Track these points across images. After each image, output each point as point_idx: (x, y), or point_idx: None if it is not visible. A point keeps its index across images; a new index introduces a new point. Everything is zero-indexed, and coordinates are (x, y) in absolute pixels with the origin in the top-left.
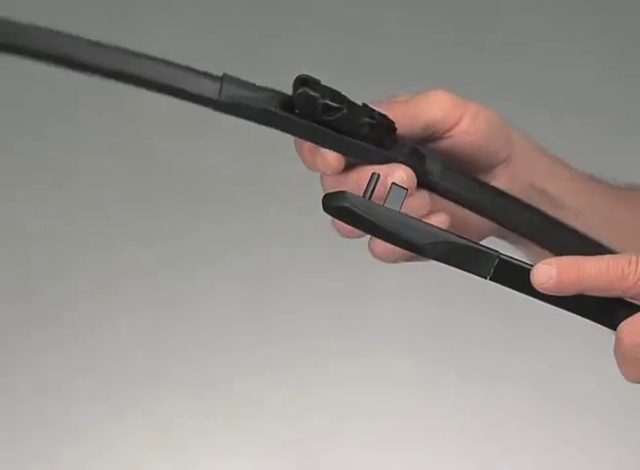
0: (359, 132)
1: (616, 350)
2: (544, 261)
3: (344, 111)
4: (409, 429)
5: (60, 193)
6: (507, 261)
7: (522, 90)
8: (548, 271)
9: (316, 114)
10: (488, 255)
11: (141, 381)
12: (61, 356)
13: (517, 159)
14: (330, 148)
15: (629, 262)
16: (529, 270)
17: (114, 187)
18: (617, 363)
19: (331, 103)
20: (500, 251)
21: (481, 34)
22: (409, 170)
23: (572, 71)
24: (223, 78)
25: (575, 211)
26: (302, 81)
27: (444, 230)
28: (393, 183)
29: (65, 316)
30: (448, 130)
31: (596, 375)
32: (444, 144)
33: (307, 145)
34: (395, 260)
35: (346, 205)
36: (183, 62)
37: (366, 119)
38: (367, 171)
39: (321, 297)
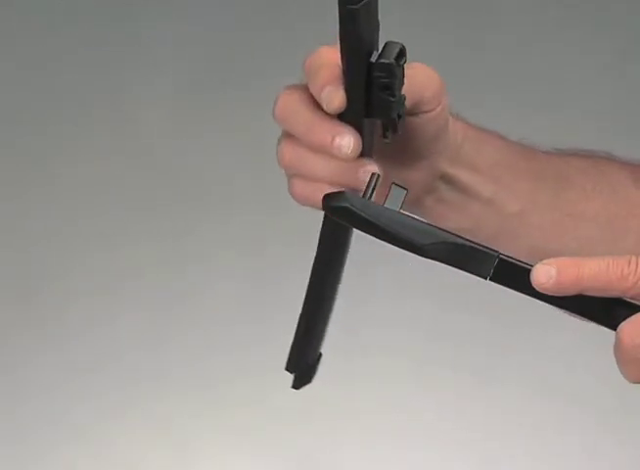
0: (380, 117)
1: (615, 349)
2: (544, 262)
3: (392, 99)
4: (409, 429)
5: (60, 193)
6: (507, 262)
7: (521, 90)
8: (548, 271)
9: (377, 81)
10: (488, 255)
11: (141, 381)
12: (61, 356)
13: (443, 150)
14: (348, 96)
15: (629, 263)
16: (529, 270)
17: (114, 187)
18: (617, 363)
19: (393, 89)
20: (500, 251)
21: (482, 34)
22: (357, 139)
23: (573, 71)
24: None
25: (486, 199)
26: (400, 53)
27: (444, 230)
28: (393, 183)
29: (65, 316)
30: (423, 112)
31: (596, 375)
32: (410, 121)
33: (333, 71)
34: (313, 205)
35: (346, 205)
36: (183, 61)
37: (395, 115)
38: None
39: None
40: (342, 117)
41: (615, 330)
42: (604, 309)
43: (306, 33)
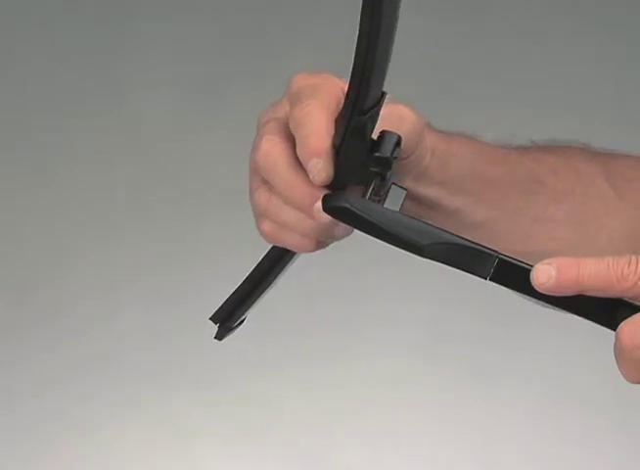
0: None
1: (615, 350)
2: (544, 261)
3: (383, 182)
4: (409, 429)
5: (60, 193)
6: (507, 262)
7: (522, 88)
8: (548, 271)
9: (372, 170)
10: (488, 255)
11: (141, 381)
12: (60, 356)
13: (410, 172)
14: (337, 164)
15: (629, 263)
16: (529, 270)
17: (114, 187)
18: (617, 363)
19: (386, 176)
20: (499, 251)
21: (482, 32)
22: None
23: (574, 70)
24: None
25: (452, 211)
26: (397, 145)
27: (444, 230)
28: (393, 183)
29: (64, 316)
30: (402, 159)
31: (597, 374)
32: None
33: (323, 141)
34: (280, 245)
35: (346, 205)
36: (184, 62)
37: (385, 191)
38: (296, 237)
39: (321, 297)
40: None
41: (614, 330)
42: (604, 310)
43: (308, 34)
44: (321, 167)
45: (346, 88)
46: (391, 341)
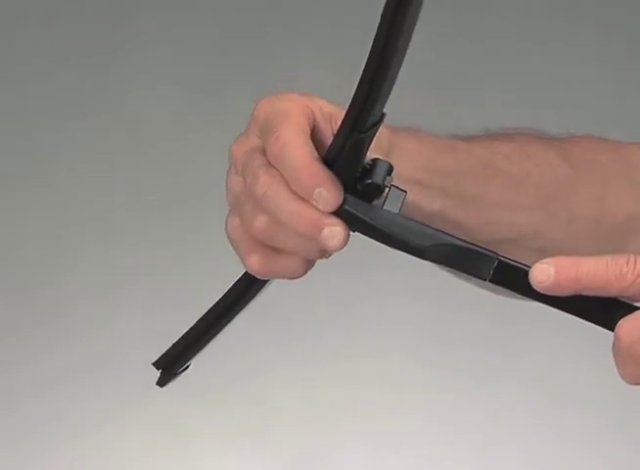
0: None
1: (614, 349)
2: (542, 261)
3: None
4: (409, 429)
5: (60, 193)
6: (506, 263)
7: (522, 88)
8: (547, 270)
9: (362, 196)
10: (487, 257)
11: (141, 381)
12: (60, 356)
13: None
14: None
15: (627, 261)
16: (528, 272)
17: (113, 187)
18: (616, 363)
19: (370, 201)
20: (499, 253)
21: (482, 32)
22: (344, 231)
23: (573, 69)
24: (383, 116)
25: (406, 204)
26: (388, 172)
27: (444, 232)
28: (392, 185)
29: (64, 316)
30: None
31: (597, 374)
32: None
33: (317, 172)
34: (269, 277)
35: (345, 207)
36: (184, 62)
37: (384, 194)
38: (295, 261)
39: (321, 297)
40: None
41: (613, 331)
42: (602, 311)
43: (308, 34)
44: (327, 195)
45: (313, 105)
46: (391, 341)
